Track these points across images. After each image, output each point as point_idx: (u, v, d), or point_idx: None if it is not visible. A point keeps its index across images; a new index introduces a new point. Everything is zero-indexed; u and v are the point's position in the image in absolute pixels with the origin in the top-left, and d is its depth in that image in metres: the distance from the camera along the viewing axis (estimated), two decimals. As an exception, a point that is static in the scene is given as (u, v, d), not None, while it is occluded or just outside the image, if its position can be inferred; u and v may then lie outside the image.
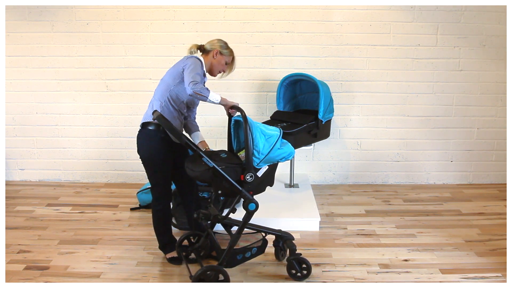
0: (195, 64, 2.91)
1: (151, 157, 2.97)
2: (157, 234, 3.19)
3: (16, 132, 4.68)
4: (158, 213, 3.10)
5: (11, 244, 3.43)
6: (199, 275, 2.71)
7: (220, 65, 3.13)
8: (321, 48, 4.46)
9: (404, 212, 4.08)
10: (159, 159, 2.97)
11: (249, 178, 2.70)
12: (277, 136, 2.78)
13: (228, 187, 2.72)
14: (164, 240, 3.19)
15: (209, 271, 2.75)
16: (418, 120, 4.63)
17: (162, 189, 3.05)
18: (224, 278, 2.79)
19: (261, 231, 3.04)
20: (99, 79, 4.54)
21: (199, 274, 2.71)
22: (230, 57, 3.16)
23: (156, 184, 3.04)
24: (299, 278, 2.97)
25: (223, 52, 3.10)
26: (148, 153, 2.97)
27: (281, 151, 2.80)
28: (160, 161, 2.98)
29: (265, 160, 2.75)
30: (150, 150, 2.97)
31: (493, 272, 3.07)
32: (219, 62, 3.11)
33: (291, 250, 2.98)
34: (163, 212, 3.11)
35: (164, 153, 2.99)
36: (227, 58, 3.14)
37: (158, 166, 2.99)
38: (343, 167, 4.75)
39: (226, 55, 3.12)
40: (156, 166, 2.99)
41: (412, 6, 4.37)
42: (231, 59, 3.18)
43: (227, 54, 3.13)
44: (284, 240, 3.08)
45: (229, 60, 3.17)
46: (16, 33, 4.44)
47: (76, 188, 4.62)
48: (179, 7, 4.36)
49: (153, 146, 2.96)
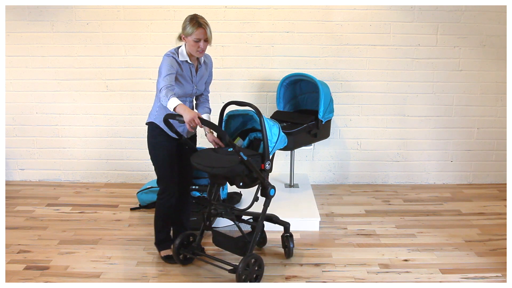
0: (161, 67, 2.90)
1: (154, 151, 3.07)
2: (155, 228, 3.22)
3: (16, 132, 4.68)
4: (159, 206, 3.16)
5: (11, 244, 3.43)
6: (243, 267, 2.82)
7: (192, 47, 2.91)
8: (321, 48, 4.46)
9: (404, 212, 4.08)
10: (162, 153, 3.05)
11: (267, 166, 2.90)
12: (278, 126, 3.00)
13: (250, 178, 2.89)
14: (160, 236, 3.22)
15: (252, 259, 2.88)
16: (418, 120, 4.63)
17: (166, 183, 3.10)
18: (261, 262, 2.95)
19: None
20: (99, 79, 4.54)
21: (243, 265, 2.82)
22: (195, 35, 2.87)
23: (160, 177, 3.12)
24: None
25: (186, 33, 2.90)
26: (152, 146, 3.08)
27: (282, 137, 3.02)
28: (162, 155, 3.06)
29: (276, 147, 2.96)
30: (153, 144, 3.07)
31: (493, 272, 3.07)
32: (190, 45, 2.92)
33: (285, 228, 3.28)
34: (164, 206, 3.14)
35: (167, 148, 3.06)
36: (193, 37, 2.87)
37: (161, 160, 3.06)
38: (343, 167, 4.75)
39: (189, 34, 2.88)
40: (159, 160, 3.07)
41: (412, 6, 4.36)
42: (203, 33, 2.88)
43: (190, 33, 2.87)
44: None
45: (199, 36, 2.88)
46: (16, 33, 4.44)
47: (76, 188, 4.62)
48: (179, 7, 4.36)
49: (156, 141, 3.06)
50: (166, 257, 3.19)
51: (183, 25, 2.94)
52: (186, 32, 2.91)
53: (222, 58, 4.47)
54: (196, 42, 2.91)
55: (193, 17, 2.92)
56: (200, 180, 3.96)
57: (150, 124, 3.09)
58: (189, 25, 2.89)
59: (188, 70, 3.03)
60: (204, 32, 2.90)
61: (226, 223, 3.60)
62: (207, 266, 3.14)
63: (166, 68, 2.88)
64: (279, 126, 3.03)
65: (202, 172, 3.95)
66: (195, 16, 2.94)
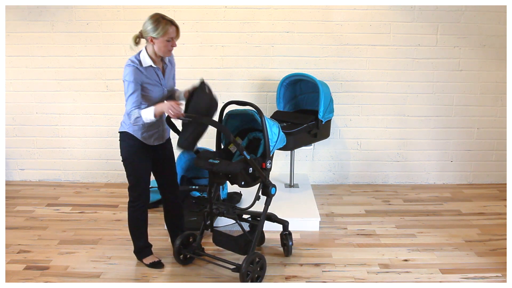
0: (124, 81, 2.82)
1: (128, 157, 2.99)
2: (133, 237, 3.16)
3: (16, 132, 4.68)
4: (133, 214, 3.08)
5: (11, 244, 3.43)
6: (247, 265, 2.83)
7: (164, 47, 2.81)
8: (321, 48, 4.46)
9: (404, 212, 4.08)
10: (136, 159, 2.99)
11: (268, 165, 2.93)
12: (277, 125, 3.03)
13: (252, 177, 2.91)
14: (139, 244, 3.16)
15: (256, 257, 2.90)
16: (418, 120, 4.63)
17: (140, 191, 3.04)
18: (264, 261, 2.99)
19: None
20: (99, 79, 4.54)
21: (247, 264, 2.84)
22: (168, 35, 2.78)
23: (134, 185, 3.03)
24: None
25: (156, 34, 2.76)
26: (127, 155, 3.00)
27: (282, 136, 3.05)
28: (136, 161, 2.99)
29: (276, 147, 3.00)
30: (127, 150, 2.99)
31: (493, 272, 3.07)
32: (161, 46, 2.80)
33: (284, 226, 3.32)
34: (138, 213, 3.07)
35: (141, 154, 2.99)
36: (166, 37, 2.78)
37: (135, 166, 3.00)
38: (343, 167, 4.75)
39: (161, 36, 2.76)
40: (133, 166, 3.01)
41: (412, 6, 4.36)
42: (175, 31, 2.81)
43: (162, 34, 2.76)
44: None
45: (171, 35, 2.79)
46: (16, 33, 4.44)
47: (76, 188, 4.62)
48: (179, 7, 4.36)
49: (129, 146, 2.98)
50: (152, 264, 3.14)
51: (148, 27, 2.78)
52: (157, 33, 2.76)
53: (222, 58, 4.47)
54: (168, 42, 2.80)
55: (160, 17, 2.80)
56: (200, 180, 3.96)
57: (125, 134, 2.99)
58: (159, 26, 2.76)
59: (154, 75, 2.89)
60: (177, 29, 2.83)
61: (226, 223, 3.61)
62: (208, 266, 3.14)
63: (130, 86, 2.79)
64: (279, 126, 3.04)
65: (202, 172, 3.96)
66: (160, 15, 2.81)
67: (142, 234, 3.15)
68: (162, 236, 3.55)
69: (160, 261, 3.15)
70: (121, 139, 3.02)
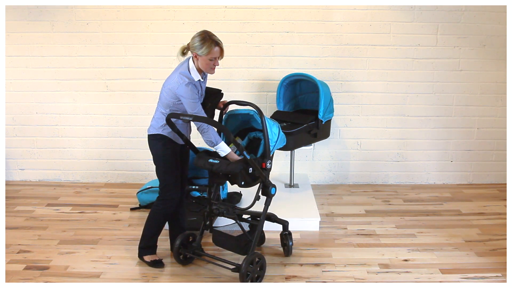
0: (187, 102, 2.85)
1: (163, 155, 3.02)
2: (147, 233, 3.15)
3: (16, 132, 4.68)
4: (158, 212, 3.11)
5: (11, 244, 3.43)
6: (247, 265, 2.83)
7: (207, 65, 2.89)
8: (321, 48, 4.46)
9: (404, 212, 4.08)
10: (172, 158, 3.02)
11: (268, 165, 2.94)
12: (277, 125, 3.03)
13: (252, 177, 2.91)
14: (150, 243, 3.17)
15: (256, 257, 2.90)
16: (418, 120, 4.63)
17: (171, 192, 3.06)
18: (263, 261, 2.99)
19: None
20: (99, 79, 4.54)
21: (247, 264, 2.83)
22: (211, 54, 2.85)
23: (165, 186, 3.06)
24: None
25: (200, 53, 2.84)
26: (161, 158, 3.03)
27: (282, 136, 3.06)
28: (171, 165, 3.02)
29: (276, 146, 3.01)
30: (161, 149, 3.02)
31: (493, 272, 3.07)
32: (204, 64, 2.88)
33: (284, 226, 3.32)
34: (162, 214, 3.11)
35: (173, 152, 3.03)
36: (209, 56, 2.85)
37: (170, 164, 3.03)
38: (343, 167, 4.75)
39: (205, 55, 2.84)
40: (168, 170, 3.03)
41: (412, 6, 4.36)
42: (219, 51, 2.88)
43: (206, 53, 2.83)
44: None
45: (214, 55, 2.87)
46: (16, 33, 4.44)
47: (76, 188, 4.62)
48: (179, 7, 4.36)
49: (163, 146, 3.01)
50: (153, 262, 3.14)
51: (195, 43, 2.84)
52: (201, 51, 2.83)
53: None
54: (211, 61, 2.88)
55: (207, 36, 2.84)
56: (200, 180, 3.96)
57: (156, 135, 3.01)
58: (204, 44, 2.81)
59: (200, 88, 2.98)
60: (221, 50, 2.89)
61: (226, 223, 3.61)
62: (208, 266, 3.15)
63: (197, 104, 2.86)
64: (279, 126, 3.04)
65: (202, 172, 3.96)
66: (208, 33, 2.86)
67: (158, 232, 3.17)
68: (162, 236, 3.53)
69: (161, 260, 3.16)
70: (153, 139, 3.03)
